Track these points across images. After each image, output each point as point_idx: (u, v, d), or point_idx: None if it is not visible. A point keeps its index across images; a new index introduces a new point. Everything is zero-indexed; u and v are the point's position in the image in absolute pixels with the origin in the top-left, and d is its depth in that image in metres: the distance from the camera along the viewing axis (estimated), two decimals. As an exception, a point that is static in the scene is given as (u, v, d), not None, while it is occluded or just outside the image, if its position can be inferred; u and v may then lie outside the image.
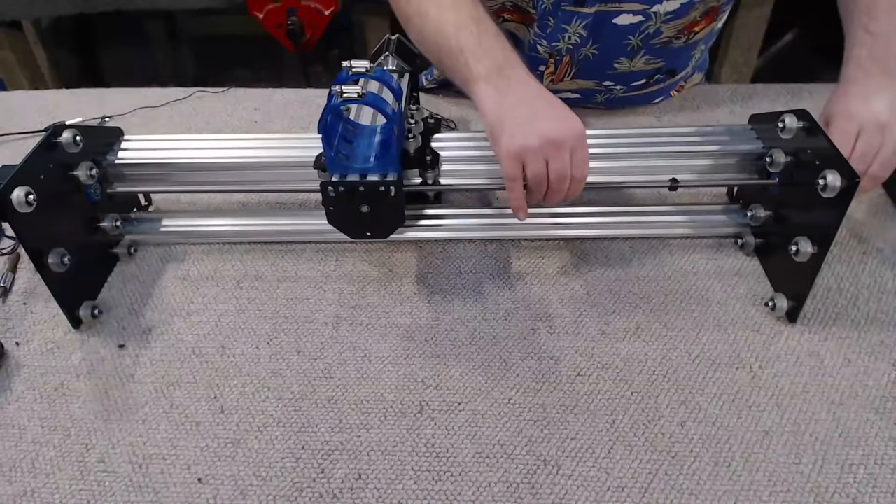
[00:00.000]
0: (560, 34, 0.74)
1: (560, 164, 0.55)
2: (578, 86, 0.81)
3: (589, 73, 0.79)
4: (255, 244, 0.69)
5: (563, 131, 0.54)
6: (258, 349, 0.59)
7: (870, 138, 0.59)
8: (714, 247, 0.67)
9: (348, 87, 0.51)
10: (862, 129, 0.59)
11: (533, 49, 0.77)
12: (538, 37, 0.75)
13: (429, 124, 0.67)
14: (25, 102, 0.92)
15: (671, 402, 0.54)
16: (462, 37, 0.59)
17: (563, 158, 0.55)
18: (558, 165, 0.55)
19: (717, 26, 0.78)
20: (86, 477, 0.50)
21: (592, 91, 0.82)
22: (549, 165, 0.55)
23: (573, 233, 0.68)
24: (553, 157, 0.54)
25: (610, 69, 0.78)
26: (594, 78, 0.80)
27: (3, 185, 0.52)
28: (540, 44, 0.76)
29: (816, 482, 0.49)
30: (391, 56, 0.72)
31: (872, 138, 0.59)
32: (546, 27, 0.73)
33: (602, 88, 0.81)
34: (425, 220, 0.69)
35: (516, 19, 0.76)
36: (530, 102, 0.57)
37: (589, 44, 0.74)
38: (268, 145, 0.67)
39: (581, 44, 0.74)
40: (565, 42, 0.74)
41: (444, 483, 0.49)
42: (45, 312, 0.62)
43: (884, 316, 0.60)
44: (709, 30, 0.77)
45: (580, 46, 0.75)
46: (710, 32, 0.78)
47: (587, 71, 0.79)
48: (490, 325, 0.60)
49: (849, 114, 0.60)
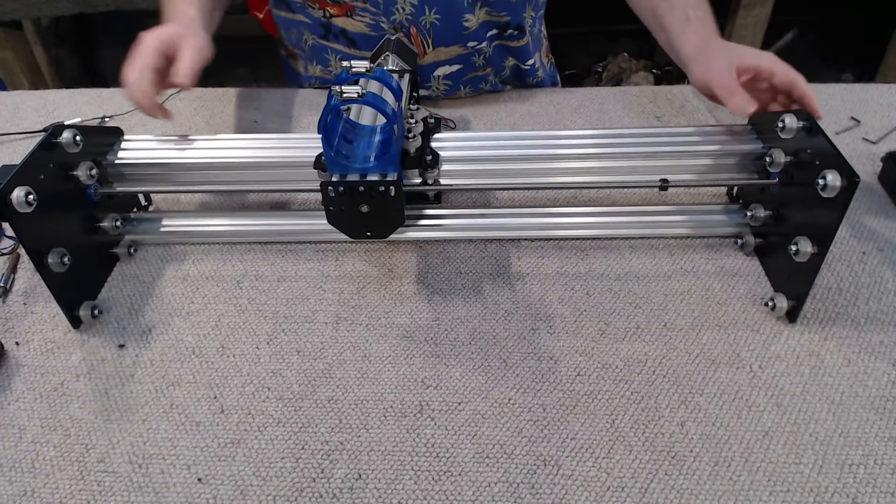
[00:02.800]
0: (392, 6, 0.78)
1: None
2: (447, 55, 0.84)
3: (447, 39, 0.82)
4: (255, 244, 0.69)
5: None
6: (258, 349, 0.59)
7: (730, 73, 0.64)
8: (714, 247, 0.67)
9: (348, 87, 0.51)
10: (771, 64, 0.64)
11: (378, 28, 0.80)
12: (376, 15, 0.79)
13: (429, 124, 0.67)
14: (25, 102, 0.92)
15: (671, 402, 0.54)
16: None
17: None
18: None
19: None
20: (86, 477, 0.50)
21: (466, 55, 0.84)
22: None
23: (573, 233, 0.68)
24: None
25: (463, 29, 0.81)
26: (455, 42, 0.83)
27: (3, 185, 0.52)
28: (381, 21, 0.79)
29: (816, 482, 0.49)
30: (391, 56, 0.72)
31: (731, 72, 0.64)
32: (378, 4, 0.78)
33: (471, 50, 0.84)
34: (425, 220, 0.69)
35: (338, 13, 0.80)
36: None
37: (426, 11, 0.78)
38: (268, 145, 0.67)
39: (418, 13, 0.78)
40: (402, 13, 0.78)
41: (444, 483, 0.49)
42: (45, 312, 0.62)
43: (884, 316, 0.60)
44: None
45: (419, 16, 0.79)
46: None
47: (444, 38, 0.82)
48: (490, 325, 0.60)
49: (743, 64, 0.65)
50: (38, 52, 1.73)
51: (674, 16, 0.73)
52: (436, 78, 0.85)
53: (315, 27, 0.84)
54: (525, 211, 0.70)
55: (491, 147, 0.66)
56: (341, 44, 0.83)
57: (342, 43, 0.83)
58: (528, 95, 0.90)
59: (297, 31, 0.87)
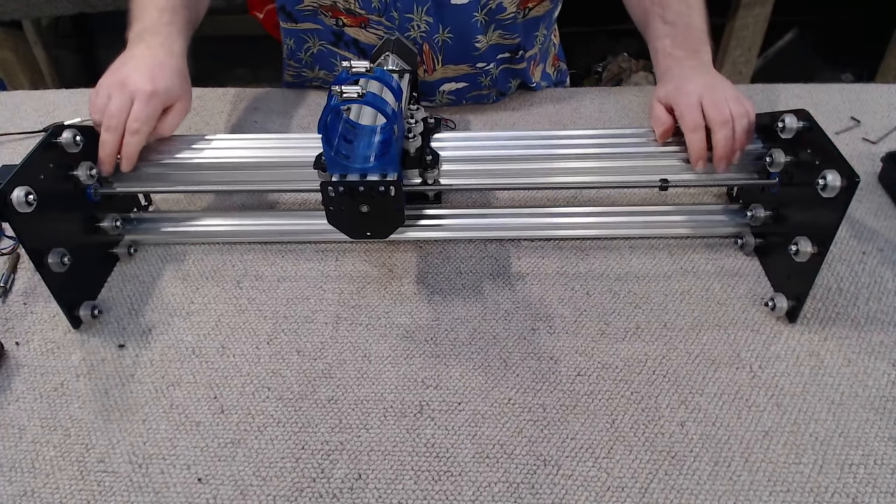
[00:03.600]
0: (408, 24, 0.78)
1: (118, 101, 0.63)
2: (455, 72, 0.84)
3: (457, 58, 0.82)
4: (255, 244, 0.69)
5: (133, 82, 0.64)
6: (258, 349, 0.59)
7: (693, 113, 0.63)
8: (714, 247, 0.67)
9: (348, 87, 0.51)
10: (683, 111, 0.64)
11: None
12: (390, 29, 0.79)
13: (429, 124, 0.67)
14: (25, 102, 0.92)
15: (671, 402, 0.54)
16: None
17: (119, 98, 0.63)
18: (117, 102, 0.63)
19: (553, 9, 0.85)
20: (86, 477, 0.50)
21: (473, 75, 0.84)
22: (111, 100, 0.63)
23: (573, 233, 0.68)
24: (115, 94, 0.63)
25: (473, 49, 0.81)
26: (464, 61, 0.83)
27: (3, 185, 0.52)
28: (395, 35, 0.78)
29: (816, 482, 0.49)
30: (391, 56, 0.72)
31: (695, 113, 0.63)
32: (393, 19, 0.78)
33: (478, 71, 0.84)
34: (425, 220, 0.69)
35: (353, 23, 0.80)
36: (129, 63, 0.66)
37: (440, 29, 0.78)
38: (268, 145, 0.67)
39: (432, 31, 0.78)
40: (417, 31, 0.78)
41: (444, 483, 0.49)
42: (45, 312, 0.62)
43: (884, 316, 0.60)
44: (543, 9, 0.82)
45: (433, 33, 0.78)
46: (548, 12, 0.84)
47: (454, 56, 0.82)
48: (490, 325, 0.60)
49: (671, 102, 0.65)
50: (38, 52, 1.73)
51: (649, 14, 0.73)
52: (441, 92, 0.86)
53: (326, 34, 0.84)
54: (525, 211, 0.70)
55: (491, 147, 0.66)
56: (351, 52, 0.84)
57: (352, 52, 0.84)
58: (528, 96, 0.90)
59: (301, 39, 0.87)
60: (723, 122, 0.62)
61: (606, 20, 1.96)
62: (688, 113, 0.63)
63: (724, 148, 0.62)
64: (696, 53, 0.69)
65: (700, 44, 0.69)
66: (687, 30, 0.70)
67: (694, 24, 0.70)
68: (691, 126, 0.63)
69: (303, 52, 0.88)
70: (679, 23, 0.70)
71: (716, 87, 0.64)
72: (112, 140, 0.63)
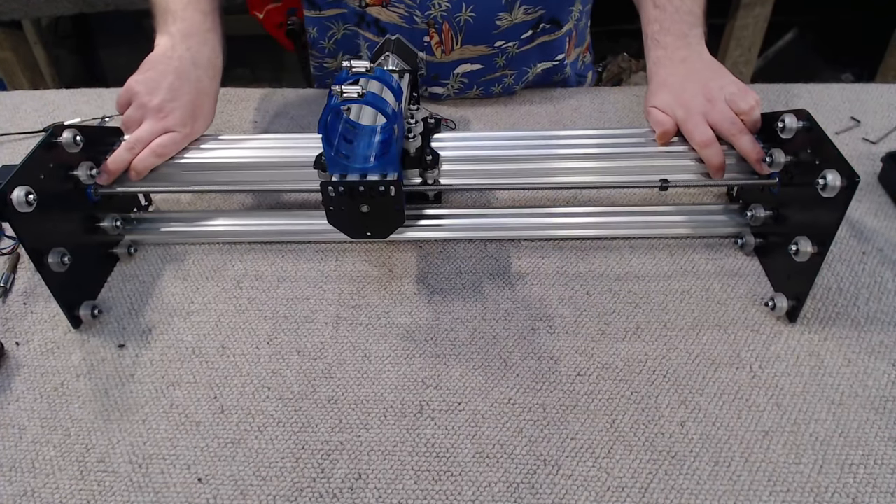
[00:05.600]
0: (429, 2, 0.76)
1: (150, 128, 0.64)
2: (473, 53, 0.82)
3: (477, 38, 0.81)
4: (255, 244, 0.69)
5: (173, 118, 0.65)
6: (258, 349, 0.59)
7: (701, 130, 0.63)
8: (714, 247, 0.67)
9: (348, 87, 0.51)
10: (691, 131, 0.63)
11: (411, 21, 0.79)
12: (411, 8, 0.77)
13: (429, 124, 0.67)
14: (25, 102, 0.92)
15: (671, 402, 0.54)
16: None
17: (152, 125, 0.64)
18: (148, 128, 0.65)
19: None
20: (86, 477, 0.50)
21: (489, 56, 0.83)
22: (144, 124, 0.65)
23: (573, 233, 0.68)
24: (149, 118, 0.65)
25: (494, 28, 0.79)
26: (484, 42, 0.81)
27: (3, 185, 0.52)
28: (416, 14, 0.78)
29: (816, 482, 0.49)
30: (391, 56, 0.72)
31: (703, 129, 0.62)
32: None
33: (496, 50, 0.83)
34: (425, 220, 0.69)
35: (375, 2, 0.79)
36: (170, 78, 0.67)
37: (463, 7, 0.77)
38: (268, 145, 0.67)
39: (455, 9, 0.77)
40: (437, 9, 0.77)
41: (444, 483, 0.49)
42: (45, 312, 0.62)
43: (884, 316, 0.60)
44: None
45: (455, 11, 0.77)
46: None
47: (474, 36, 0.80)
48: (490, 325, 0.60)
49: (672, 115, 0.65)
50: (38, 52, 1.73)
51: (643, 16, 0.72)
52: (455, 75, 0.85)
53: (350, 16, 0.83)
54: (525, 211, 0.70)
55: (491, 147, 0.66)
56: (372, 32, 0.83)
57: (373, 32, 0.83)
58: (528, 95, 0.90)
59: (324, 27, 0.87)
60: (739, 132, 0.61)
61: (606, 20, 1.96)
62: (696, 132, 0.62)
63: (754, 151, 0.61)
64: (684, 38, 0.67)
65: (689, 27, 0.68)
66: (676, 12, 0.68)
67: (684, 7, 0.69)
68: (703, 143, 0.62)
69: (326, 39, 0.87)
70: (668, 6, 0.69)
71: (714, 91, 0.64)
72: (130, 158, 0.63)
